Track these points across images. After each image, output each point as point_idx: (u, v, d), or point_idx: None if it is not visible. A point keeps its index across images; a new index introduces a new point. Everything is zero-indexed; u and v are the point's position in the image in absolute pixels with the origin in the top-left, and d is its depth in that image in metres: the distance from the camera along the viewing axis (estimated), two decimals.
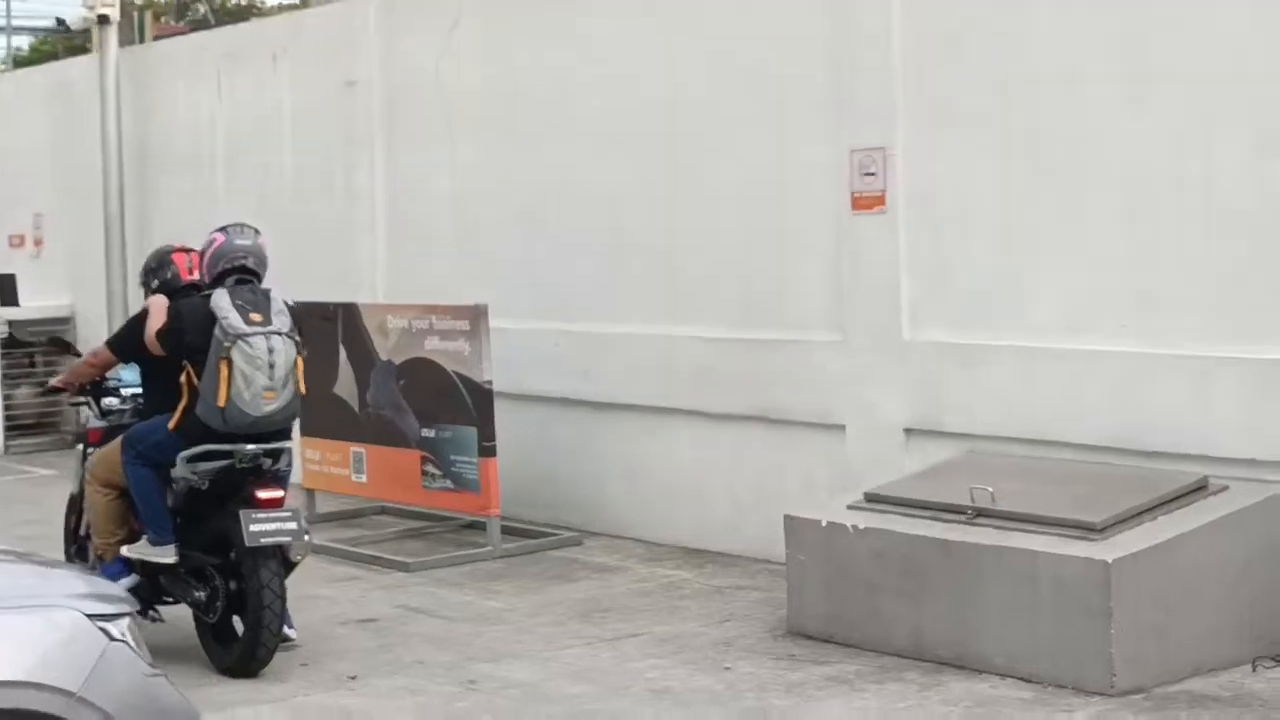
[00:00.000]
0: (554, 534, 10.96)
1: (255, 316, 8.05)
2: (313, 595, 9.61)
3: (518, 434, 11.29)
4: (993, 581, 7.56)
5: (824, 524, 8.30)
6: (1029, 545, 7.46)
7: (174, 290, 8.54)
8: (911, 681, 7.50)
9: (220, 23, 32.86)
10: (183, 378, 8.15)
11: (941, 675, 7.56)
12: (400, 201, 12.81)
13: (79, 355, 9.55)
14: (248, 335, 7.97)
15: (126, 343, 8.50)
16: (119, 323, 12.50)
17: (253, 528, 7.90)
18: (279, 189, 13.94)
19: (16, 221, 17.45)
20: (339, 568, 10.45)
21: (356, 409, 11.55)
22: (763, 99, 10.05)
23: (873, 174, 9.33)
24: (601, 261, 11.09)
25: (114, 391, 8.91)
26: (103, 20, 15.35)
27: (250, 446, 8.06)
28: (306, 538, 8.14)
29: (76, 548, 8.98)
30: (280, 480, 8.25)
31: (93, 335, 14.61)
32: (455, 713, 7.34)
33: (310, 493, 12.00)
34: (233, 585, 8.05)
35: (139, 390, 8.74)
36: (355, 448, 11.58)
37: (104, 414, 8.85)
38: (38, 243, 17.17)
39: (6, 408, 15.82)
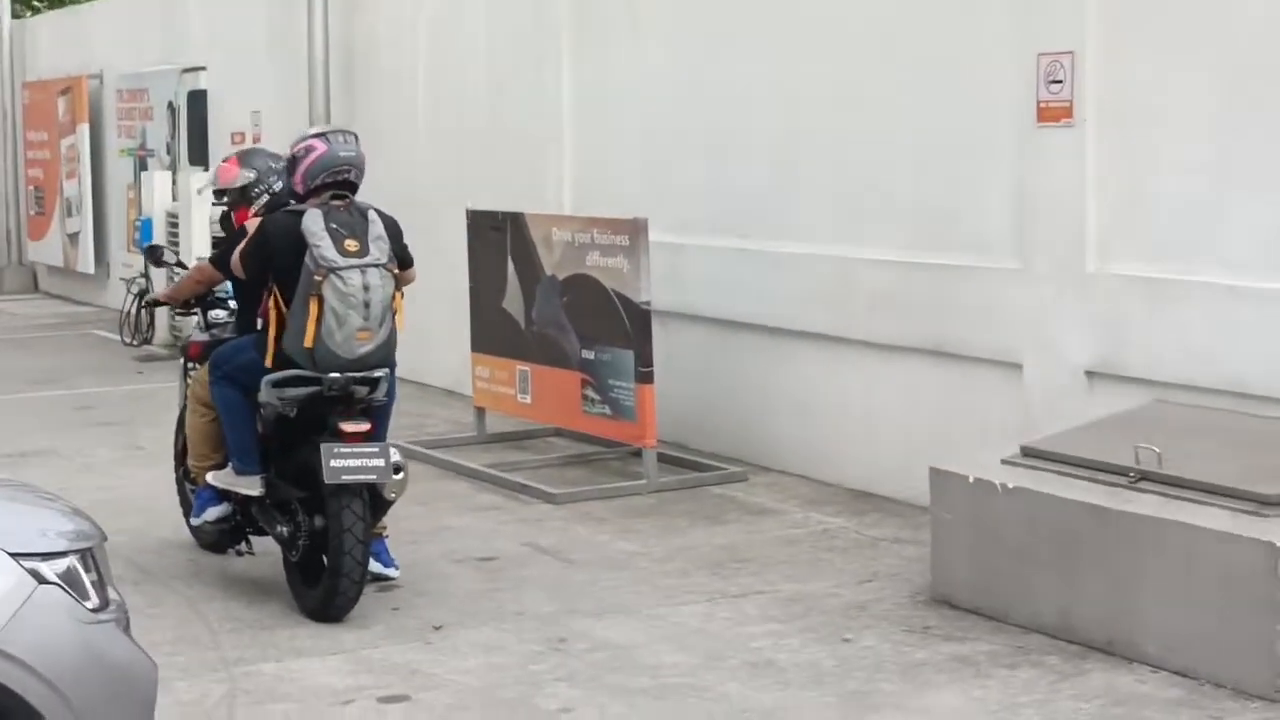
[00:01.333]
0: (718, 468, 10.13)
1: (350, 245, 7.26)
2: (444, 526, 9.03)
3: (688, 356, 10.51)
4: (1150, 558, 6.53)
5: (971, 480, 7.34)
6: (1190, 519, 6.41)
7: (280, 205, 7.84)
8: (1050, 669, 6.54)
9: None
10: (269, 302, 7.48)
11: (1086, 662, 6.58)
12: (587, 108, 11.99)
13: (181, 267, 9.02)
14: (341, 269, 7.20)
15: (227, 258, 7.86)
16: None
17: (334, 464, 7.21)
18: (475, 95, 13.23)
19: (237, 119, 17.14)
20: (484, 495, 9.83)
21: (523, 325, 10.87)
22: None
23: (1060, 81, 8.22)
24: (777, 175, 10.14)
25: (223, 303, 8.37)
26: None
27: (338, 375, 7.37)
28: (399, 475, 7.42)
29: (185, 470, 8.47)
30: (374, 413, 7.54)
31: None
32: (523, 677, 6.61)
33: (480, 411, 11.40)
34: (318, 522, 7.40)
35: None
36: (521, 366, 10.90)
37: (208, 326, 8.32)
38: (256, 140, 16.82)
39: None
